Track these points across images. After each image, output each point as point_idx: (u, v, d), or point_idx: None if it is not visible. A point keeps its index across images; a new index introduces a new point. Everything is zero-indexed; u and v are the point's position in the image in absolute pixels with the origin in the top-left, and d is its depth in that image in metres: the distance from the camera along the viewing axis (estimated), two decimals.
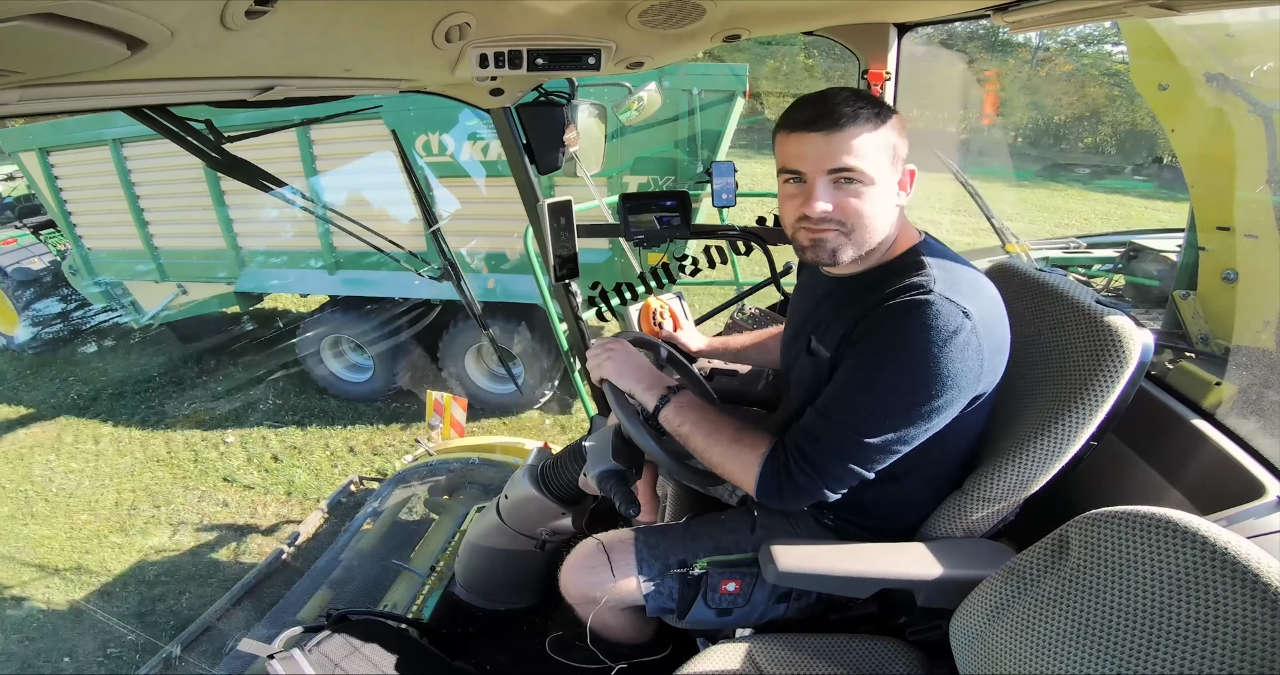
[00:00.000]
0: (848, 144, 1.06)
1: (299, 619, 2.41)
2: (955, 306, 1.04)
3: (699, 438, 1.25)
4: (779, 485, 1.15)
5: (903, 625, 1.34)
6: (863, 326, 1.12)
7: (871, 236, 1.13)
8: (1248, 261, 2.27)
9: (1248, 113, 2.15)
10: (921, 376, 1.05)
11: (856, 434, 1.09)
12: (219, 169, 1.33)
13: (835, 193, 1.10)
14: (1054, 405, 1.16)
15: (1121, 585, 0.85)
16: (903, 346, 1.05)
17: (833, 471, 1.12)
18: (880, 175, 1.10)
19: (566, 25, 1.19)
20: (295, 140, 4.73)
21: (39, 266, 7.34)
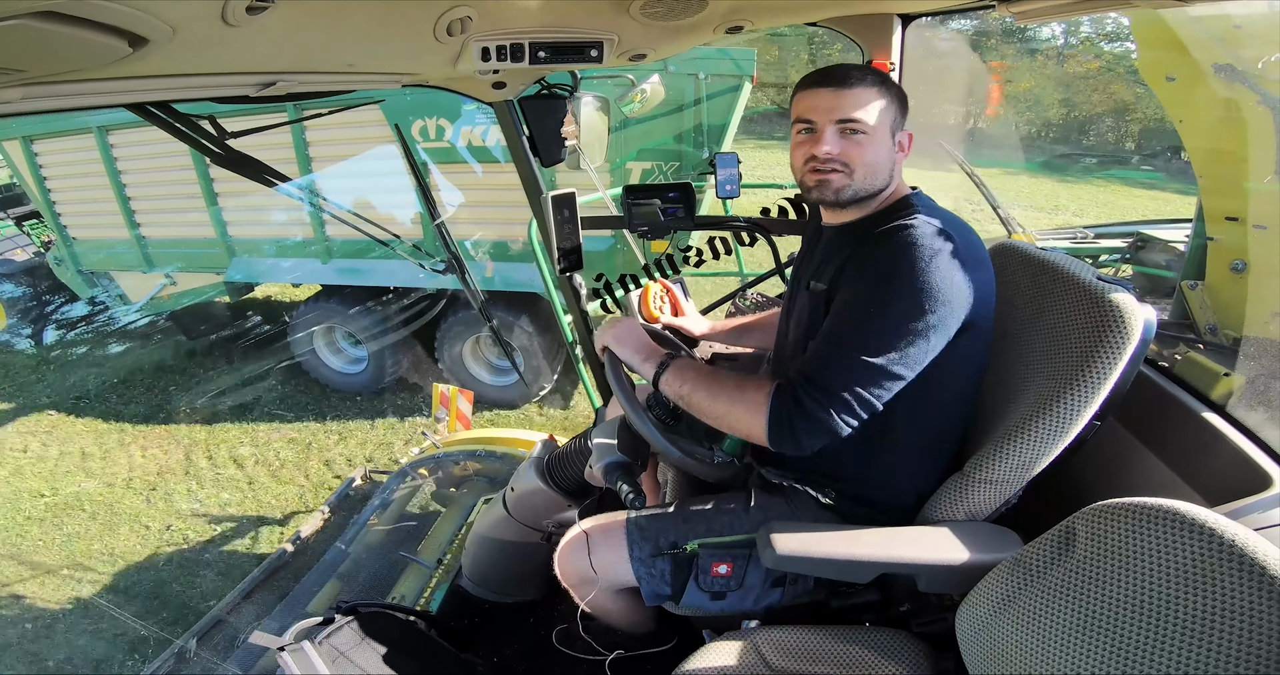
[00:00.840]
0: (854, 99, 1.21)
1: (309, 611, 2.42)
2: (939, 230, 1.16)
3: (701, 394, 1.27)
4: (790, 418, 1.16)
5: (908, 615, 1.34)
6: (854, 258, 1.22)
7: (870, 180, 1.26)
8: (1257, 252, 2.25)
9: (1256, 104, 2.14)
10: (912, 290, 1.11)
11: (859, 353, 1.13)
12: (223, 165, 1.33)
13: (840, 140, 1.23)
14: (1056, 383, 1.16)
15: (1128, 577, 0.85)
16: (891, 264, 1.14)
17: (841, 396, 1.13)
18: (880, 129, 1.23)
19: (568, 18, 1.19)
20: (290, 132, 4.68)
21: (21, 258, 7.23)
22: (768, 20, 1.48)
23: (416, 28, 1.03)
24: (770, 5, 1.35)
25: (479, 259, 4.75)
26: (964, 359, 1.21)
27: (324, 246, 5.07)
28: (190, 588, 3.75)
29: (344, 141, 4.68)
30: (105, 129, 5.22)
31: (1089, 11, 1.30)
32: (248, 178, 1.43)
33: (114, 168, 5.41)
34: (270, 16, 0.75)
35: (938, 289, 1.11)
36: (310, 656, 1.51)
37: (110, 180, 5.45)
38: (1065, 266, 1.27)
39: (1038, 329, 1.26)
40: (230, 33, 0.75)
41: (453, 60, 1.23)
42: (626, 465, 1.39)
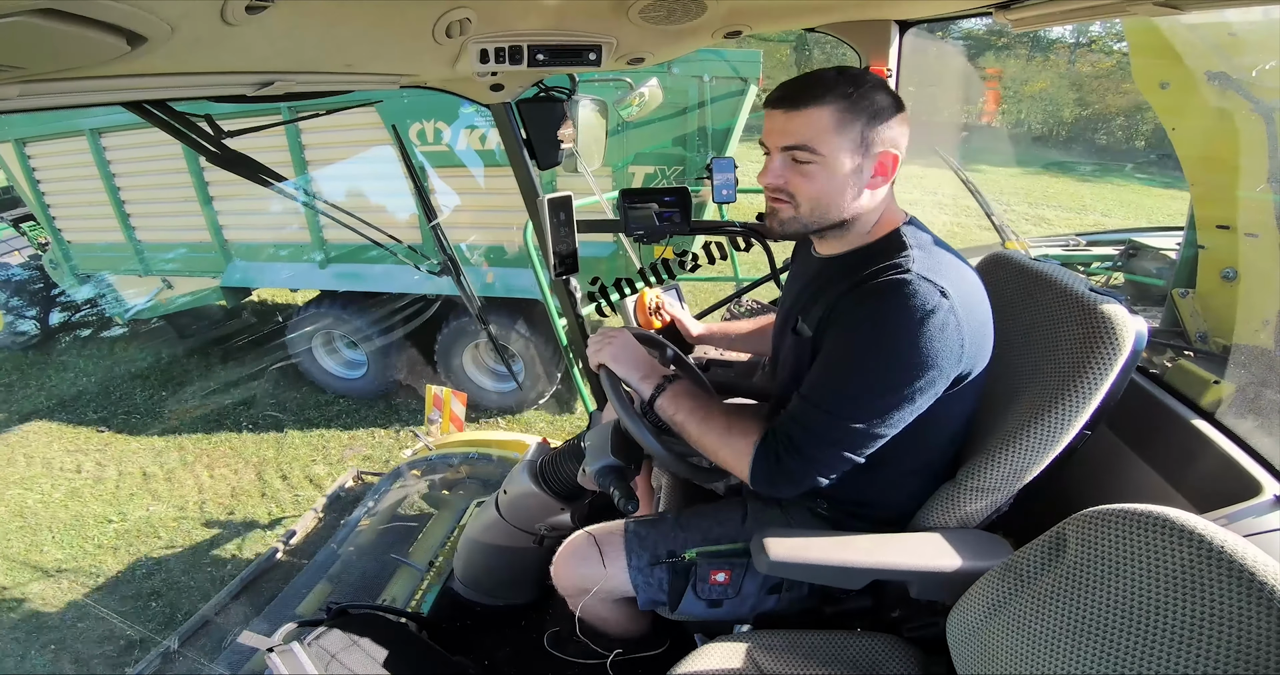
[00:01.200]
0: (803, 122, 1.11)
1: (298, 613, 2.41)
2: (932, 286, 1.05)
3: (693, 426, 1.26)
4: (770, 474, 1.17)
5: (899, 621, 1.34)
6: (839, 307, 1.14)
7: (819, 213, 1.17)
8: (1247, 260, 2.27)
9: (1249, 112, 2.15)
10: (899, 356, 1.06)
11: (840, 418, 1.10)
12: (220, 164, 1.33)
13: (787, 168, 1.15)
14: (1047, 393, 1.17)
15: (1118, 583, 0.85)
16: (879, 326, 1.07)
17: (821, 458, 1.13)
18: (835, 155, 1.11)
19: (567, 21, 1.19)
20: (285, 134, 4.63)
21: (18, 261, 7.16)
22: (766, 25, 1.48)
23: (415, 29, 1.03)
24: (768, 10, 1.35)
25: (474, 262, 4.73)
26: (958, 400, 1.17)
27: (322, 251, 5.02)
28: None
29: (340, 144, 4.64)
30: (98, 131, 5.18)
31: (1085, 18, 1.31)
32: (244, 177, 1.43)
33: (107, 170, 5.37)
34: (269, 16, 0.75)
35: (926, 355, 1.05)
36: (299, 658, 1.50)
37: (104, 183, 5.41)
38: (1058, 277, 1.28)
39: (1030, 340, 1.27)
40: (229, 32, 0.75)
41: (451, 62, 1.23)
42: (620, 469, 1.39)
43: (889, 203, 1.22)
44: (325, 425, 5.31)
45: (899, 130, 1.14)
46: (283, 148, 4.68)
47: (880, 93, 1.12)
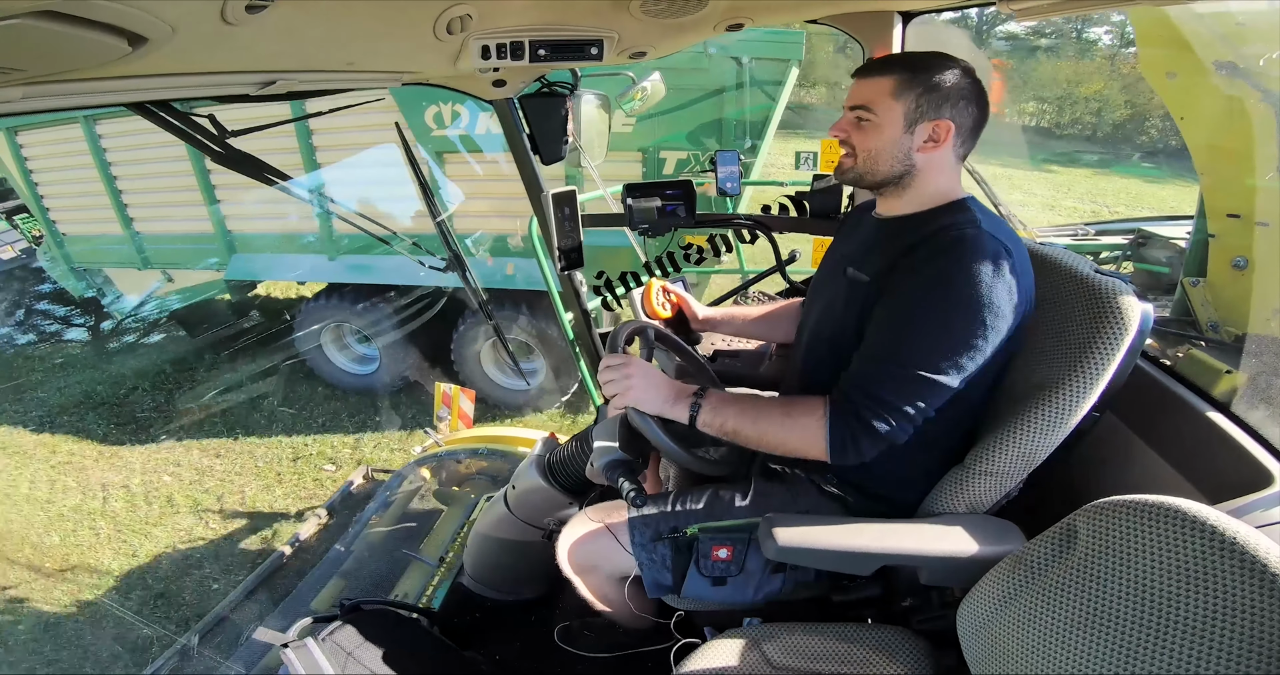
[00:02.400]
0: (869, 88, 1.25)
1: (312, 609, 2.43)
2: (999, 242, 1.14)
3: (747, 427, 1.25)
4: (853, 436, 1.17)
5: (909, 611, 1.34)
6: (907, 261, 1.19)
7: (870, 165, 1.27)
8: (1259, 249, 2.25)
9: (1258, 101, 2.13)
10: (971, 303, 1.11)
11: (917, 368, 1.13)
12: (223, 163, 1.33)
13: (851, 125, 1.28)
14: (1055, 375, 1.16)
15: (1129, 574, 0.85)
16: (949, 274, 1.12)
17: (903, 410, 1.14)
18: (889, 119, 1.23)
19: (568, 16, 1.19)
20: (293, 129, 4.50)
21: (10, 256, 7.02)
22: (768, 17, 1.48)
23: (416, 26, 1.03)
24: (770, 3, 1.35)
25: (480, 255, 4.66)
26: (997, 361, 1.19)
27: (331, 242, 4.85)
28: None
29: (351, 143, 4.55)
30: (92, 119, 5.02)
31: (1089, 8, 1.30)
32: (248, 176, 1.43)
33: (103, 159, 5.20)
34: (270, 15, 0.75)
35: (996, 303, 1.11)
36: (314, 653, 1.52)
37: (100, 173, 5.23)
38: (1063, 261, 1.28)
39: (1037, 323, 1.26)
40: (230, 31, 0.75)
41: (453, 58, 1.23)
42: (628, 463, 1.39)
43: (953, 178, 1.29)
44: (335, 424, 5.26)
45: (963, 108, 1.23)
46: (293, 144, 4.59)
47: (948, 73, 1.22)
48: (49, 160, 5.55)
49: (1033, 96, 20.14)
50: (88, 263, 5.98)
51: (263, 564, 3.30)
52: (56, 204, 5.79)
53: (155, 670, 2.61)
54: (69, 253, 5.94)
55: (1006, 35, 20.21)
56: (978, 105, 1.24)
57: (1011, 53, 20.15)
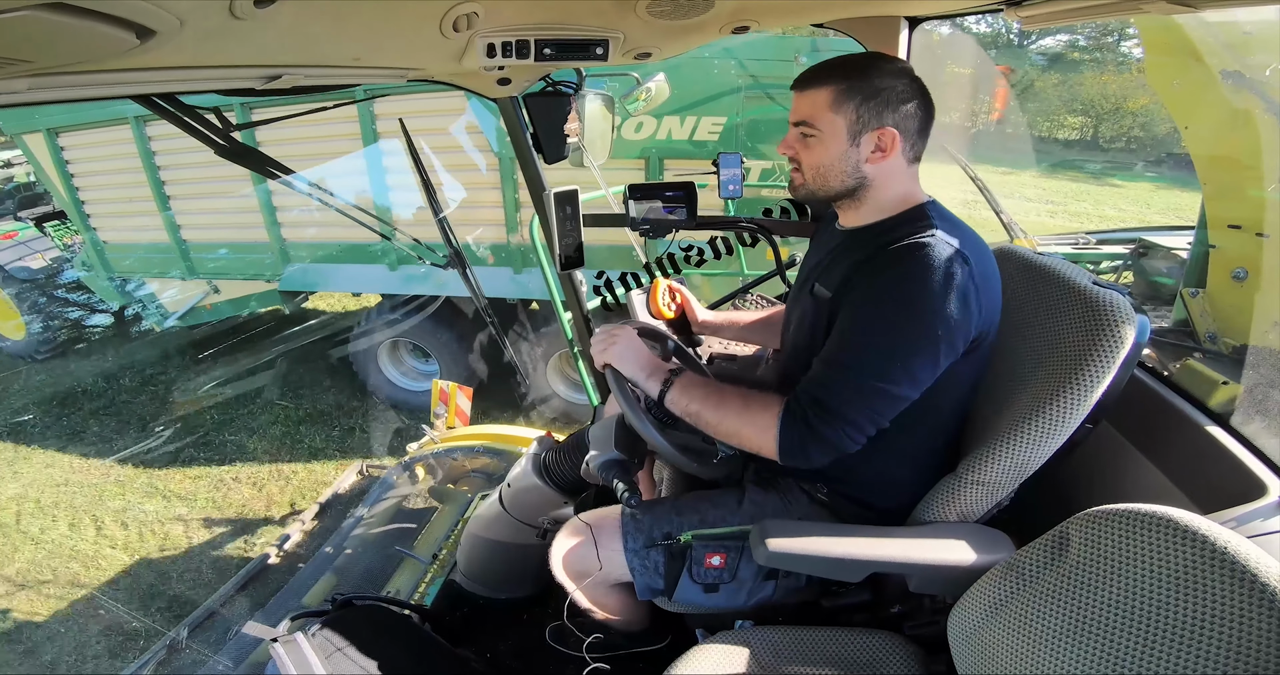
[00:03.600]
0: (807, 101, 1.23)
1: (303, 604, 2.43)
2: (954, 250, 1.12)
3: (708, 412, 1.26)
4: (801, 440, 1.17)
5: (900, 617, 1.34)
6: (863, 270, 1.18)
7: (822, 181, 1.26)
8: (1258, 260, 2.26)
9: (1262, 111, 2.14)
10: (923, 314, 1.10)
11: (869, 377, 1.12)
12: (228, 158, 1.33)
13: (796, 140, 1.27)
14: (1049, 386, 1.16)
15: (1121, 583, 0.85)
16: (903, 284, 1.12)
17: (851, 417, 1.14)
18: (831, 133, 1.21)
19: (574, 15, 1.19)
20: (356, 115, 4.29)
21: (39, 265, 6.70)
22: (774, 20, 1.48)
23: (423, 23, 1.03)
24: (776, 6, 1.35)
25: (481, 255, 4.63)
26: (965, 372, 1.20)
27: (394, 252, 4.58)
28: None
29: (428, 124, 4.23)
30: (143, 119, 4.72)
31: (1097, 16, 1.30)
32: (255, 171, 1.44)
33: (152, 162, 4.90)
34: (278, 10, 0.75)
35: (949, 314, 1.09)
36: (303, 648, 1.51)
37: (148, 176, 4.93)
38: (1061, 271, 1.28)
39: (1033, 333, 1.27)
40: (237, 25, 0.75)
41: (458, 56, 1.23)
42: (623, 463, 1.39)
43: (910, 183, 1.27)
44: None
45: (905, 112, 1.20)
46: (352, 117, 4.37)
47: (889, 78, 1.19)
48: (92, 164, 5.26)
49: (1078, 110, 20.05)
50: (127, 272, 5.68)
51: (254, 558, 3.30)
52: (98, 210, 5.50)
53: (143, 664, 2.60)
54: (108, 261, 5.64)
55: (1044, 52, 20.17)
56: (921, 105, 1.22)
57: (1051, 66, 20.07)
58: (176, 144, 4.77)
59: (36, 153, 5.34)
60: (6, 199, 7.66)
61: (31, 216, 7.31)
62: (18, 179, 8.04)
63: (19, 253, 6.75)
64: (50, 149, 5.20)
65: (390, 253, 4.65)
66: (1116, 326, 1.12)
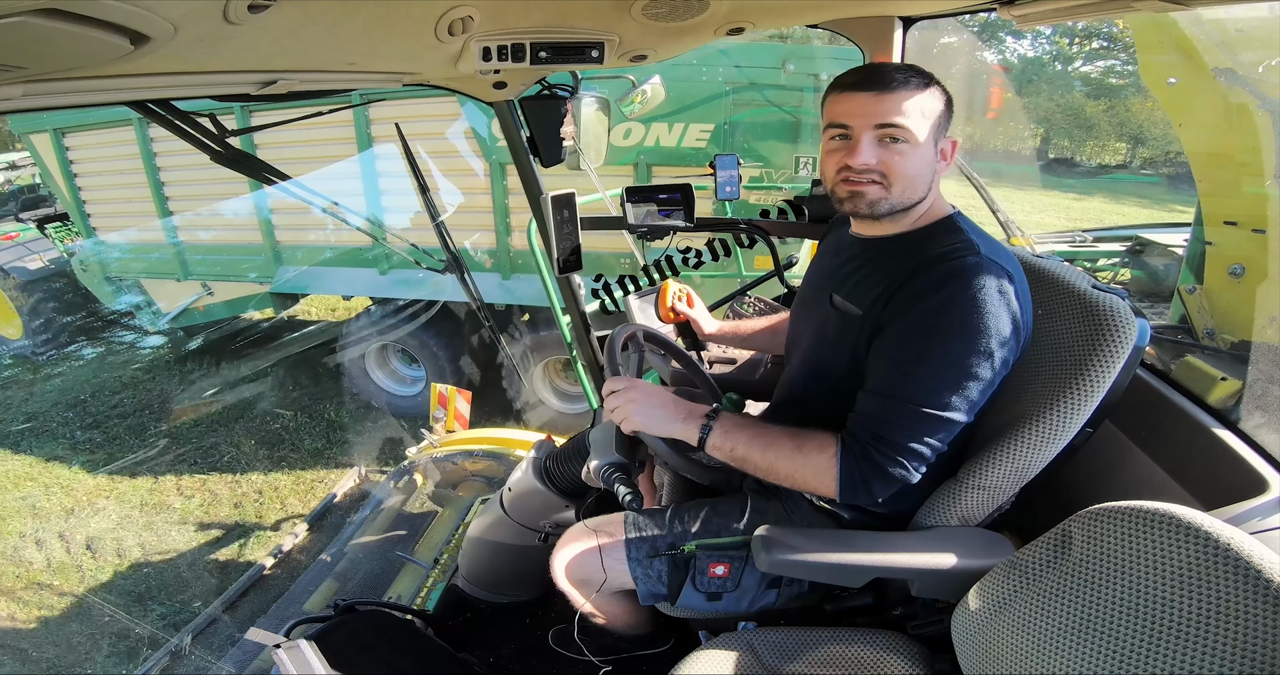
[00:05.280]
0: (895, 104, 1.12)
1: (305, 610, 2.43)
2: (1002, 268, 1.09)
3: (756, 455, 1.21)
4: (864, 478, 1.13)
5: (903, 618, 1.34)
6: (907, 292, 1.13)
7: (909, 193, 1.17)
8: (1255, 256, 2.26)
9: (1256, 108, 2.14)
10: (979, 339, 1.07)
11: (924, 407, 1.09)
12: (222, 163, 1.33)
13: (879, 148, 1.15)
14: (1050, 390, 1.16)
15: (1124, 580, 0.85)
16: (956, 310, 1.07)
17: (915, 450, 1.11)
18: (923, 137, 1.14)
19: (569, 18, 1.19)
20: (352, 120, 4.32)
21: (38, 266, 6.84)
22: (769, 22, 1.48)
23: (418, 27, 1.03)
24: (771, 7, 1.35)
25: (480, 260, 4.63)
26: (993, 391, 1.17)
27: (384, 254, 4.62)
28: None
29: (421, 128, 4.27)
30: (146, 122, 4.69)
31: (1090, 15, 1.30)
32: (249, 177, 1.43)
33: (153, 164, 4.98)
34: (272, 15, 0.75)
35: (1002, 332, 1.07)
36: (306, 654, 1.51)
37: (148, 178, 5.01)
38: (1060, 274, 1.27)
39: (1033, 337, 1.26)
40: (232, 31, 0.75)
41: (454, 60, 1.23)
42: (624, 466, 1.39)
43: (939, 190, 1.24)
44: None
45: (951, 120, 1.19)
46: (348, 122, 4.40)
47: (940, 85, 1.17)
48: (96, 164, 5.35)
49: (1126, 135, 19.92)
50: (124, 272, 5.75)
51: (255, 564, 3.29)
52: (98, 210, 5.60)
53: (146, 671, 2.60)
54: (105, 261, 5.72)
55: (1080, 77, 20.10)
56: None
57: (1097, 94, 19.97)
58: (177, 145, 4.73)
59: (42, 152, 5.43)
60: (10, 201, 7.81)
61: (33, 218, 7.47)
62: (22, 181, 8.14)
63: (18, 253, 6.89)
64: (56, 149, 5.28)
65: (381, 257, 4.67)
66: (1116, 331, 1.11)
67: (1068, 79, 20.72)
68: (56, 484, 4.87)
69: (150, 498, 4.63)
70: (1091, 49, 19.76)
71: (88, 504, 4.60)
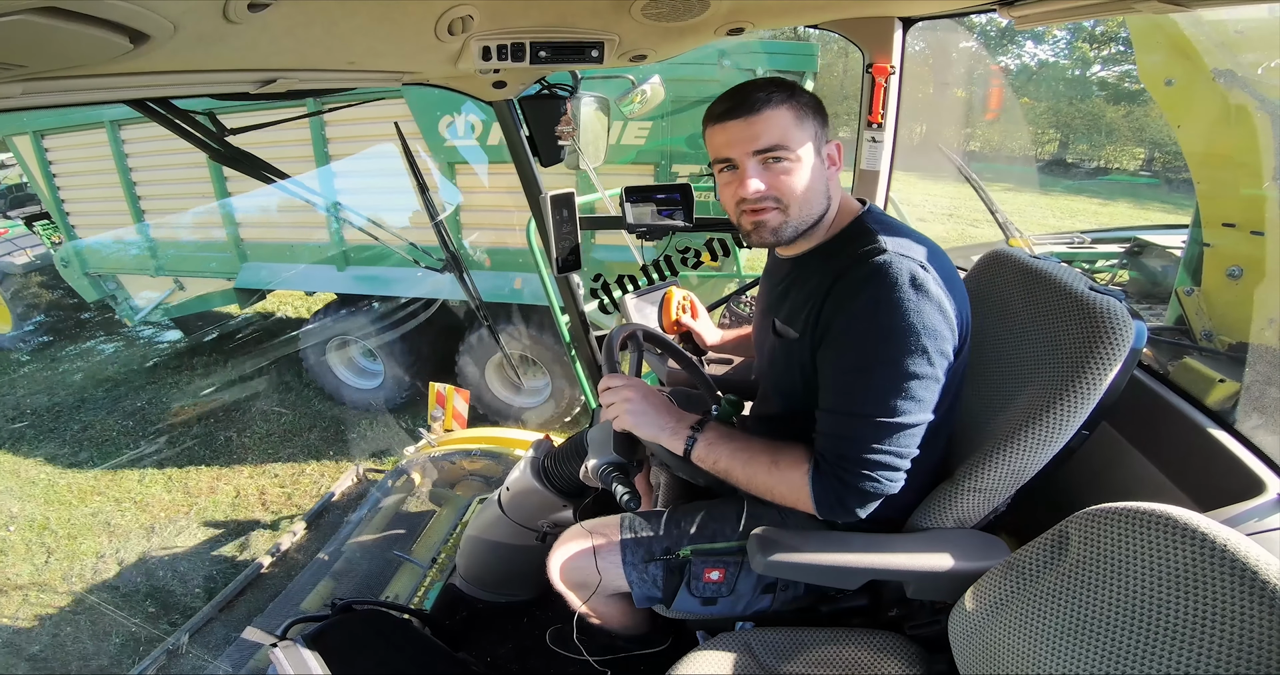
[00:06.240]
0: (766, 126, 1.13)
1: (302, 609, 2.43)
2: (912, 261, 1.08)
3: (737, 469, 1.23)
4: (838, 496, 1.14)
5: (900, 618, 1.34)
6: (830, 305, 1.14)
7: (806, 211, 1.18)
8: (1253, 258, 2.26)
9: (1255, 109, 2.14)
10: (909, 337, 1.06)
11: (880, 417, 1.09)
12: (222, 161, 1.33)
13: (765, 172, 1.15)
14: (1046, 392, 1.16)
15: (1120, 581, 0.85)
16: (878, 313, 1.07)
17: (880, 462, 1.11)
18: (804, 150, 1.15)
19: (569, 18, 1.19)
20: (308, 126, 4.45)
21: (23, 261, 7.15)
22: (769, 22, 1.48)
23: (417, 26, 1.03)
24: (771, 7, 1.35)
25: (477, 257, 4.63)
26: (950, 383, 1.17)
27: (340, 253, 4.80)
28: None
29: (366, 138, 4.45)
30: (118, 123, 5.01)
31: (1089, 15, 1.30)
32: (247, 175, 1.43)
33: (124, 165, 5.21)
34: (272, 13, 0.75)
35: (931, 325, 1.06)
36: (303, 653, 1.51)
37: (120, 178, 5.25)
38: (1057, 276, 1.27)
39: (1029, 338, 1.26)
40: (231, 29, 0.75)
41: (453, 59, 1.23)
42: (621, 466, 1.39)
43: (842, 193, 1.25)
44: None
45: (828, 124, 1.20)
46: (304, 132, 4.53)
47: (806, 92, 1.18)
48: (73, 165, 5.56)
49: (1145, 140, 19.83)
50: (102, 268, 5.98)
51: (252, 563, 3.29)
52: (76, 209, 5.82)
53: (143, 670, 2.59)
54: (84, 257, 5.94)
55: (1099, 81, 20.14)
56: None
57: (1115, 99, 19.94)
58: (149, 146, 5.10)
59: (24, 154, 5.65)
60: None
61: (22, 216, 7.71)
62: (10, 180, 8.33)
63: (6, 249, 7.21)
64: (36, 150, 5.52)
65: (339, 255, 4.85)
66: (1113, 333, 1.11)
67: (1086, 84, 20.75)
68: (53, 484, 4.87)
69: (147, 497, 4.64)
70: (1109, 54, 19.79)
71: (79, 503, 4.60)
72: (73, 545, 4.14)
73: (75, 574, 3.89)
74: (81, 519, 4.39)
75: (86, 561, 3.99)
